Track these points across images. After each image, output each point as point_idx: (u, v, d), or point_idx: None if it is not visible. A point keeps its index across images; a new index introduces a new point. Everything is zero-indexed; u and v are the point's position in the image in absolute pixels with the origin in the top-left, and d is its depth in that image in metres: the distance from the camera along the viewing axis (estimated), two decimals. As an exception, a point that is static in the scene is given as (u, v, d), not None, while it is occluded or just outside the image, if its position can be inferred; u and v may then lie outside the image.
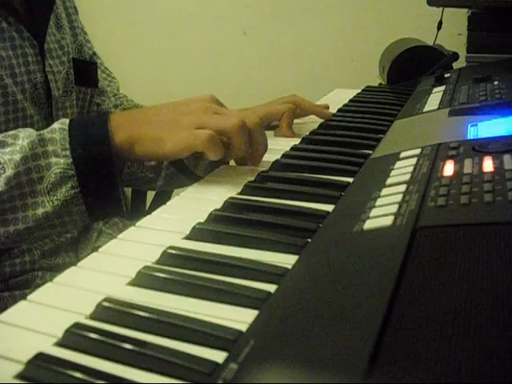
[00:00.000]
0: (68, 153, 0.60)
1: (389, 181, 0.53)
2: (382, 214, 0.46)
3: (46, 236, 0.65)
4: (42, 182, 0.60)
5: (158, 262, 0.46)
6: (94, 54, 0.97)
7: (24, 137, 0.61)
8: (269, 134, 0.87)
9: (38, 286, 0.42)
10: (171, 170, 0.88)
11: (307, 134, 0.83)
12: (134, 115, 0.66)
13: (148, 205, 1.17)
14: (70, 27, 0.90)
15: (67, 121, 0.62)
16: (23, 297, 0.41)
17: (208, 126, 0.62)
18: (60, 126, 0.62)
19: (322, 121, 0.89)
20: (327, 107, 0.94)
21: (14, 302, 0.40)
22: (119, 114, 0.66)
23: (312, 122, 0.90)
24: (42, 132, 0.61)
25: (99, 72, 0.97)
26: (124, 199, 1.00)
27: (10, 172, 0.59)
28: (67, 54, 0.87)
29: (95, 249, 0.49)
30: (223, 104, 0.68)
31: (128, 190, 1.20)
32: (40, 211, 0.60)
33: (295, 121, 0.88)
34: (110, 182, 0.61)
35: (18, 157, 0.59)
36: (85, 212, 0.61)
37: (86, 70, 0.92)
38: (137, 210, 1.14)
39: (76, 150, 0.60)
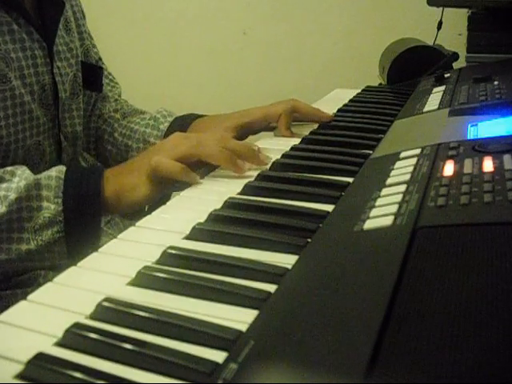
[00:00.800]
0: (60, 201, 0.64)
1: (389, 181, 0.53)
2: (382, 213, 0.46)
3: (23, 268, 0.70)
4: (30, 221, 0.63)
5: (158, 262, 0.46)
6: (100, 58, 0.97)
7: (21, 177, 0.65)
8: (269, 134, 0.87)
9: (41, 284, 0.43)
10: None
11: (307, 134, 0.83)
12: (121, 168, 0.70)
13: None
14: (77, 31, 0.91)
15: (64, 169, 0.66)
16: (25, 295, 0.41)
17: (157, 158, 0.65)
18: (57, 174, 0.65)
19: (306, 134, 0.88)
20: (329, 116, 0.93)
21: (16, 300, 0.40)
22: (111, 169, 0.70)
23: (312, 123, 0.90)
24: (39, 177, 0.65)
25: (103, 77, 0.97)
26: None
27: (3, 209, 0.62)
28: (75, 57, 0.87)
29: (96, 248, 0.49)
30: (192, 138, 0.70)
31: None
32: (24, 247, 0.63)
33: (295, 122, 0.88)
34: (93, 232, 0.65)
35: (13, 196, 0.63)
36: (65, 253, 0.65)
37: (92, 74, 0.92)
38: (137, 210, 1.14)
39: (68, 201, 0.64)
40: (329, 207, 0.54)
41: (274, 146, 0.77)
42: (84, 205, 0.64)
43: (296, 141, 0.79)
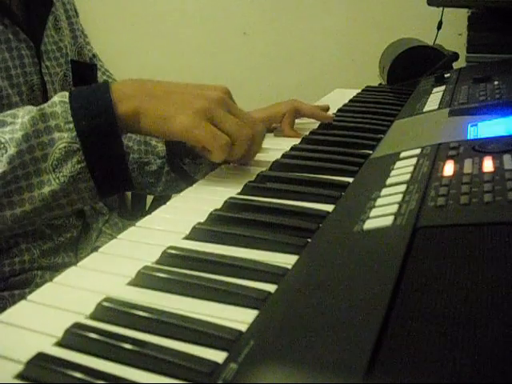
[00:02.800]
0: (71, 126, 0.57)
1: (389, 181, 0.53)
2: (382, 214, 0.46)
3: (55, 217, 0.62)
4: (46, 160, 0.57)
5: (158, 262, 0.46)
6: (94, 56, 0.97)
7: (24, 114, 0.59)
8: (269, 135, 0.87)
9: (38, 285, 0.43)
10: (172, 176, 0.88)
11: (307, 134, 0.83)
12: (140, 86, 0.63)
13: (148, 205, 1.17)
14: (69, 29, 0.90)
15: (67, 93, 0.60)
16: (23, 296, 0.41)
17: (220, 123, 0.60)
18: (60, 98, 0.59)
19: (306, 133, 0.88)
20: (327, 108, 0.93)
21: (14, 301, 0.40)
22: (123, 83, 0.63)
23: (312, 123, 0.90)
24: (42, 106, 0.59)
25: (99, 74, 0.97)
26: (124, 199, 1.00)
27: (12, 151, 0.56)
28: (65, 56, 0.86)
29: (95, 249, 0.49)
30: (234, 101, 0.66)
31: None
32: (46, 190, 0.58)
33: (295, 120, 0.88)
34: (117, 153, 0.59)
35: (19, 134, 0.57)
36: (93, 188, 0.59)
37: (85, 73, 0.91)
38: (137, 210, 1.14)
39: (79, 123, 0.57)
40: (329, 207, 0.54)
41: (274, 146, 0.77)
42: (98, 124, 0.57)
43: (296, 141, 0.79)
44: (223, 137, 0.60)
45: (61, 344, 0.35)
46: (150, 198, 1.17)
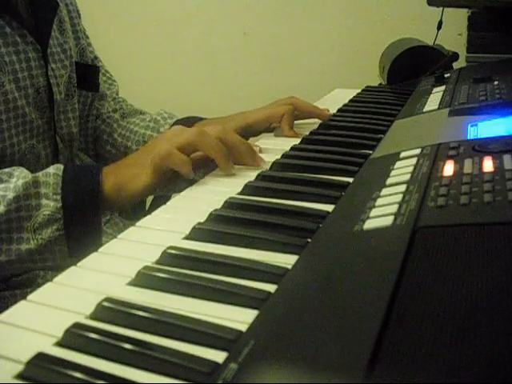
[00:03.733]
0: (59, 198, 0.63)
1: (389, 181, 0.53)
2: (382, 214, 0.46)
3: (24, 269, 0.69)
4: (29, 220, 0.62)
5: (158, 262, 0.46)
6: (96, 57, 0.97)
7: (19, 177, 0.64)
8: (269, 134, 0.87)
9: (40, 285, 0.43)
10: (171, 176, 0.88)
11: (307, 134, 0.83)
12: (120, 164, 0.69)
13: (148, 205, 1.17)
14: (72, 31, 0.90)
15: (62, 167, 0.65)
16: (24, 296, 0.41)
17: (166, 147, 0.64)
18: (55, 171, 0.64)
19: (321, 121, 0.89)
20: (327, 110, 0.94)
21: (15, 301, 0.40)
22: (110, 165, 0.69)
23: (312, 123, 0.90)
24: (36, 175, 0.64)
25: (101, 75, 0.97)
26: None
27: (1, 209, 0.61)
28: (70, 58, 0.87)
29: (96, 248, 0.49)
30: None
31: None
32: (24, 247, 0.63)
33: (295, 121, 0.88)
34: (94, 230, 0.64)
35: (11, 195, 0.62)
36: (66, 252, 0.64)
37: (87, 74, 0.92)
38: (137, 210, 1.14)
39: (67, 197, 0.63)
40: (329, 207, 0.54)
41: (274, 146, 0.77)
42: (83, 200, 0.63)
43: (296, 141, 0.79)
44: (160, 149, 0.64)
45: (61, 344, 0.35)
46: (149, 198, 1.17)
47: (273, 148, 0.76)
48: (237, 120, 0.85)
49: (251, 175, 0.64)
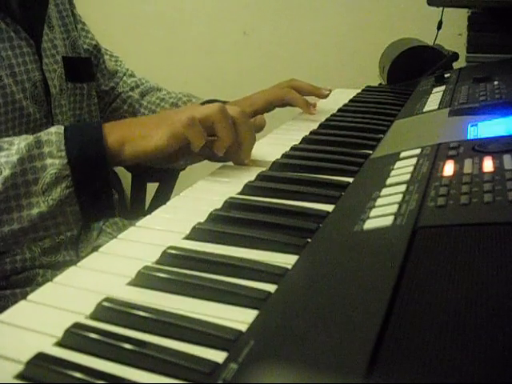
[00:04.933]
0: (63, 154, 0.61)
1: (389, 181, 0.53)
2: (382, 214, 0.46)
3: (39, 239, 0.66)
4: (37, 183, 0.61)
5: (158, 262, 0.46)
6: (97, 44, 0.98)
7: (20, 140, 0.62)
8: (286, 118, 0.94)
9: (39, 283, 0.43)
10: None
11: (307, 134, 0.83)
12: (125, 121, 0.69)
13: (148, 205, 1.17)
14: (62, 24, 0.91)
15: (62, 126, 0.64)
16: (24, 295, 0.41)
17: (189, 115, 0.63)
18: (56, 129, 0.63)
19: (321, 121, 0.90)
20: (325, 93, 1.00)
21: (15, 299, 0.40)
22: (112, 122, 0.68)
23: (312, 121, 0.90)
24: (38, 134, 0.62)
25: (106, 58, 1.00)
26: (124, 199, 1.01)
27: (6, 172, 0.60)
28: (59, 54, 0.88)
29: (95, 248, 0.49)
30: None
31: (128, 191, 1.20)
32: (35, 211, 0.61)
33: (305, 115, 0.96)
34: (103, 182, 0.62)
35: (15, 158, 0.60)
36: (78, 213, 0.62)
37: (79, 67, 0.93)
38: (137, 210, 1.14)
39: (71, 151, 0.61)
40: (329, 207, 0.54)
41: (275, 146, 0.77)
42: (88, 152, 0.61)
43: (296, 140, 0.79)
44: (182, 116, 0.63)
45: (61, 344, 0.35)
46: (149, 198, 1.17)
47: (273, 148, 0.76)
48: (245, 106, 0.91)
49: (251, 175, 0.64)
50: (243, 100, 0.94)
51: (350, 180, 0.60)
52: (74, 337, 0.35)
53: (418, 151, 0.60)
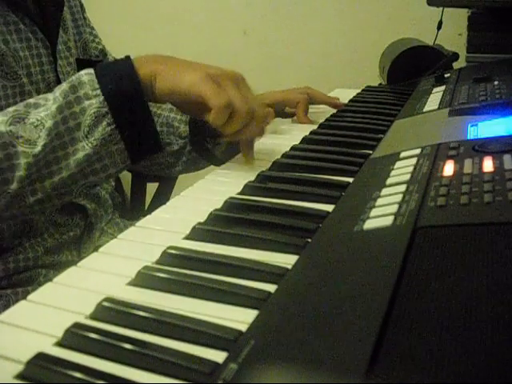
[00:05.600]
0: (98, 92, 0.61)
1: (389, 181, 0.53)
2: (382, 214, 0.46)
3: (89, 185, 0.65)
4: (79, 129, 0.61)
5: (158, 262, 0.46)
6: (103, 48, 0.98)
7: (55, 91, 0.63)
8: (286, 121, 0.93)
9: (41, 283, 0.43)
10: (192, 156, 0.91)
11: (307, 134, 0.83)
12: (154, 56, 0.68)
13: (148, 205, 1.17)
14: (74, 26, 0.92)
15: (91, 68, 0.63)
16: (26, 294, 0.41)
17: (223, 89, 0.63)
18: (86, 71, 0.63)
19: (321, 121, 0.90)
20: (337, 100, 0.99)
21: (17, 299, 0.40)
22: (141, 56, 0.67)
23: (312, 121, 0.90)
24: (70, 79, 0.63)
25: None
26: (124, 199, 1.01)
27: (48, 123, 0.60)
28: (73, 55, 0.89)
29: (96, 248, 0.49)
30: (248, 86, 0.70)
31: (127, 191, 1.20)
32: (81, 155, 0.61)
33: (310, 110, 0.94)
34: (143, 114, 0.62)
35: (53, 107, 0.61)
36: (124, 151, 0.62)
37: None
38: (137, 210, 1.14)
39: (105, 87, 0.61)
40: (329, 207, 0.54)
41: (275, 146, 0.77)
42: (123, 85, 0.61)
43: (296, 140, 0.79)
44: (226, 97, 0.62)
45: (61, 344, 0.35)
46: (149, 198, 1.17)
47: (273, 148, 0.76)
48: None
49: (251, 175, 0.64)
50: (259, 94, 0.94)
51: (350, 180, 0.60)
52: (74, 337, 0.35)
53: (417, 151, 0.60)
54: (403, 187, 0.50)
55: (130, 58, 0.64)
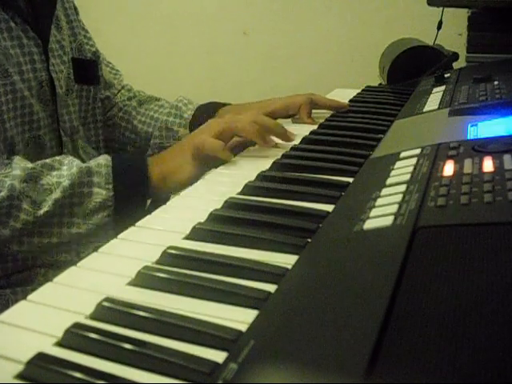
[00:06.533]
0: (111, 187, 0.68)
1: (389, 181, 0.53)
2: (382, 214, 0.46)
3: (66, 251, 0.75)
4: (80, 206, 0.67)
5: (158, 262, 0.46)
6: (96, 51, 0.98)
7: (72, 165, 0.69)
8: (287, 121, 0.92)
9: (40, 282, 0.43)
10: None
11: (307, 133, 0.83)
12: (163, 155, 0.76)
13: (148, 205, 1.17)
14: (69, 27, 0.92)
15: (110, 158, 0.71)
16: (25, 293, 0.41)
17: (201, 136, 0.71)
18: (105, 162, 0.70)
19: (321, 121, 0.90)
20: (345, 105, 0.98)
21: (16, 298, 0.40)
22: (154, 157, 0.76)
23: (312, 121, 0.90)
24: (89, 165, 0.70)
25: (103, 66, 1.00)
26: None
27: (58, 195, 0.66)
28: (67, 55, 0.89)
29: (96, 248, 0.49)
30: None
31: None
32: (74, 231, 0.68)
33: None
34: (139, 213, 0.66)
35: (66, 183, 0.67)
36: (112, 233, 0.67)
37: (86, 69, 0.94)
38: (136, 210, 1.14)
39: (118, 187, 0.68)
40: (329, 207, 0.54)
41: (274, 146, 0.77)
42: (133, 191, 0.69)
43: (296, 140, 0.79)
44: (214, 141, 0.71)
45: (61, 344, 0.35)
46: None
47: (273, 148, 0.76)
48: (258, 107, 0.91)
49: (251, 175, 0.64)
50: (260, 102, 0.95)
51: (350, 180, 0.60)
52: (74, 337, 0.35)
53: (418, 151, 0.60)
54: (403, 187, 0.50)
55: (146, 163, 0.71)
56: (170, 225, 0.53)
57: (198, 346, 0.34)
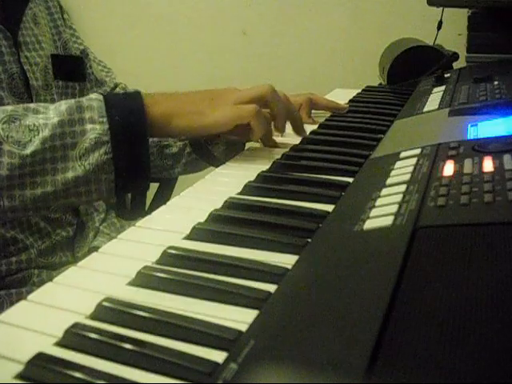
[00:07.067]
0: (105, 120, 0.61)
1: (389, 181, 0.53)
2: (382, 213, 0.46)
3: (68, 205, 0.66)
4: (74, 148, 0.60)
5: (158, 262, 0.46)
6: (84, 50, 0.98)
7: (60, 103, 0.63)
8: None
9: (35, 283, 0.43)
10: (192, 157, 0.92)
11: (307, 134, 0.83)
12: (169, 94, 0.69)
13: (148, 205, 1.17)
14: (53, 26, 0.93)
15: (101, 94, 0.64)
16: (19, 295, 0.41)
17: (245, 97, 0.68)
18: (96, 96, 0.63)
19: (321, 121, 0.90)
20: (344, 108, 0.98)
21: (11, 300, 0.40)
22: (152, 93, 0.69)
23: (312, 121, 0.90)
24: (80, 99, 0.63)
25: (94, 65, 0.99)
26: (125, 199, 1.01)
27: (46, 133, 0.59)
28: (45, 50, 0.89)
29: (92, 248, 0.49)
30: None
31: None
32: (70, 175, 0.61)
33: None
34: (142, 152, 0.62)
35: (55, 120, 0.60)
36: (112, 181, 0.62)
37: (71, 65, 0.94)
38: (137, 210, 1.14)
39: (112, 117, 0.61)
40: (329, 207, 0.54)
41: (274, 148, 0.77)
42: (130, 121, 0.62)
43: (297, 140, 0.79)
44: (251, 105, 0.67)
45: (61, 344, 0.35)
46: (150, 198, 1.17)
47: (273, 148, 0.76)
48: None
49: (251, 175, 0.64)
50: None
51: (350, 180, 0.60)
52: (74, 337, 0.35)
53: (418, 151, 0.60)
54: (403, 187, 0.50)
55: (140, 93, 0.65)
56: (170, 225, 0.53)
57: (198, 346, 0.34)
